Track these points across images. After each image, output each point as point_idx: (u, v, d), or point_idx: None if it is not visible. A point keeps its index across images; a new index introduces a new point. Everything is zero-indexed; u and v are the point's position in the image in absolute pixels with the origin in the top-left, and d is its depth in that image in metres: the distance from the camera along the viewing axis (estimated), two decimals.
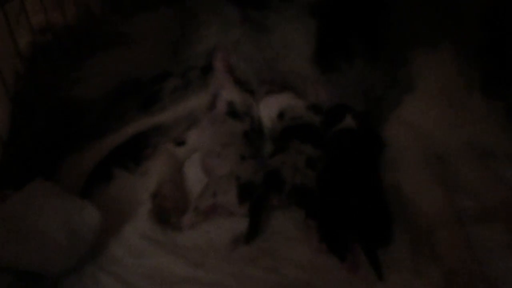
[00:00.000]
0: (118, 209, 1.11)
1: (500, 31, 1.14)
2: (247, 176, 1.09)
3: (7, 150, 1.10)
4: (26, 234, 0.88)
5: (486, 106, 1.13)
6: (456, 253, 0.97)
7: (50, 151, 1.19)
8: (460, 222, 1.03)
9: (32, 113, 1.21)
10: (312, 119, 1.27)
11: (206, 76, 1.34)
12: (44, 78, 1.30)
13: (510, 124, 1.11)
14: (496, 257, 0.99)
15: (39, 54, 1.29)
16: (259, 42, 1.40)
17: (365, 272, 0.96)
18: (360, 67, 1.32)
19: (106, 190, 1.17)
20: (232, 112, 1.26)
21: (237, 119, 1.25)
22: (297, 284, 0.96)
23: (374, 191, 1.07)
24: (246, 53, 1.39)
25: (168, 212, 1.08)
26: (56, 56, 1.33)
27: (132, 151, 1.25)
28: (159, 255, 1.02)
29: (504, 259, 0.98)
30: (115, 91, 1.32)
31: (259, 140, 1.29)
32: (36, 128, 1.20)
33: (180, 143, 1.27)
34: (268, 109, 1.30)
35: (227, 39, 1.39)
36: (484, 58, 1.15)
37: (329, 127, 1.24)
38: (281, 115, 1.28)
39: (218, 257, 1.01)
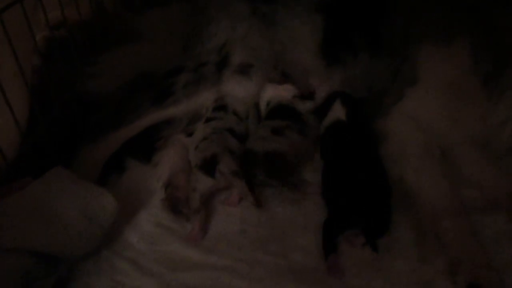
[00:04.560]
0: (131, 198, 1.14)
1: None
2: (199, 158, 1.14)
3: (26, 140, 1.13)
4: (45, 219, 0.90)
5: (488, 99, 1.15)
6: (461, 242, 0.98)
7: (66, 142, 1.22)
8: (465, 212, 1.04)
9: (49, 105, 1.23)
10: (292, 103, 1.32)
11: (220, 71, 1.35)
12: (60, 72, 1.32)
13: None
14: (500, 245, 1.00)
15: (54, 48, 1.32)
16: (267, 35, 1.42)
17: (372, 258, 0.98)
18: (364, 61, 1.34)
19: (120, 180, 1.20)
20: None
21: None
22: (305, 269, 0.98)
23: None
24: (254, 44, 1.40)
25: (180, 201, 1.11)
26: (71, 51, 1.35)
27: (144, 143, 1.28)
28: (172, 241, 1.04)
29: (508, 248, 1.00)
30: (128, 85, 1.34)
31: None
32: (53, 120, 1.23)
33: (190, 134, 1.29)
34: (263, 96, 1.37)
35: (237, 34, 1.41)
36: (486, 53, 1.17)
37: (321, 114, 1.30)
38: (268, 103, 1.35)
39: (229, 243, 1.04)
